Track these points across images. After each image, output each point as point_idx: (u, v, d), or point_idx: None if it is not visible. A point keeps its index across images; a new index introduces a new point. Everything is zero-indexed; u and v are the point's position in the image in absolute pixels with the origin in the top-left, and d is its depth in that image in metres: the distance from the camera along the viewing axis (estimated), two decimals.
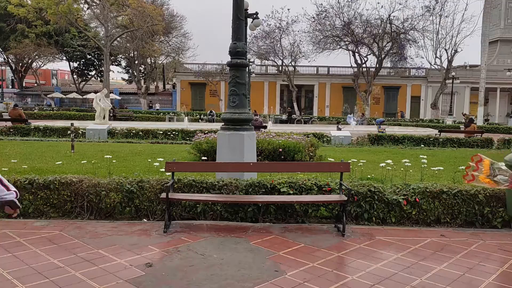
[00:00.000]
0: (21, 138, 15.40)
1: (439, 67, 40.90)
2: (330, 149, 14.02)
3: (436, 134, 18.16)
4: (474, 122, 22.85)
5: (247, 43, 19.21)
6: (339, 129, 19.97)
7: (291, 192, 5.49)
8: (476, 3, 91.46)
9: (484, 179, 2.30)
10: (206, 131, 12.28)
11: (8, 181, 5.50)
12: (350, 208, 5.44)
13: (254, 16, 16.14)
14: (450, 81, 38.06)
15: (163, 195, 5.11)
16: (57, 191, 5.51)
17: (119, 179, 5.70)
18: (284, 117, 36.05)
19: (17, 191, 2.61)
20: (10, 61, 48.59)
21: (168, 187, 5.12)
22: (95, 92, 36.06)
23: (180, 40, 47.89)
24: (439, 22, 38.51)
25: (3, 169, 7.14)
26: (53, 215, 5.51)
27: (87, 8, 40.76)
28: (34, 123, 19.17)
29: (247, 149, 6.53)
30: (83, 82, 53.38)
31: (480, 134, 18.25)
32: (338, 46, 40.08)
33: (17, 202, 2.60)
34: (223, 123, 7.00)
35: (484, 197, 5.50)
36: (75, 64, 51.78)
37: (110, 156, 7.28)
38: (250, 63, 31.15)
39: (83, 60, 51.43)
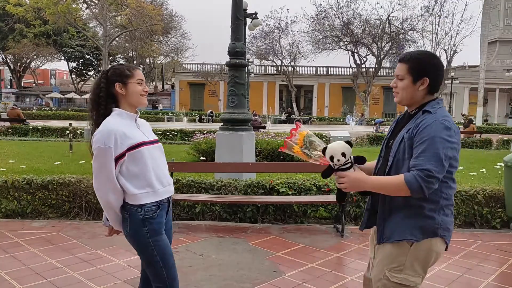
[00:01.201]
0: (20, 138, 15.38)
1: None
2: None
3: None
4: (474, 122, 22.87)
5: (246, 43, 19.20)
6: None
7: (290, 192, 5.48)
8: (475, 3, 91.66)
9: (298, 149, 2.18)
10: (205, 131, 12.27)
11: (6, 181, 5.51)
12: (349, 208, 5.44)
13: (253, 16, 16.12)
14: (449, 81, 38.09)
15: None
16: (55, 192, 5.50)
17: None
18: (283, 117, 36.06)
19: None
20: (8, 61, 48.54)
21: None
22: None
23: (179, 40, 47.90)
24: (438, 23, 38.53)
25: (1, 169, 7.13)
26: (51, 216, 5.50)
27: (86, 8, 40.71)
28: (33, 123, 19.16)
29: (246, 149, 6.53)
30: (82, 82, 53.32)
31: (479, 135, 18.26)
32: (337, 46, 40.07)
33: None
34: (222, 123, 6.99)
35: (483, 197, 5.50)
36: (74, 64, 51.73)
37: None
38: (249, 63, 31.15)
39: (82, 60, 51.36)
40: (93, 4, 39.00)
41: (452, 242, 4.95)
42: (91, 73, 53.81)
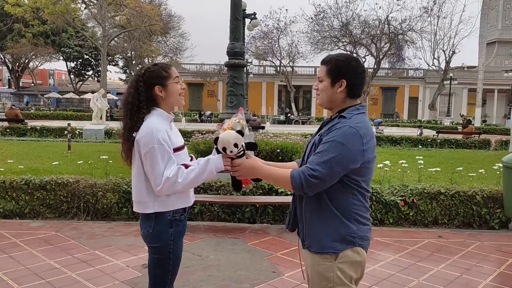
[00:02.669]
0: (18, 138, 15.33)
1: (437, 68, 40.96)
2: None
3: (434, 135, 18.18)
4: (472, 123, 22.89)
5: (245, 44, 19.20)
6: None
7: (289, 192, 5.48)
8: (473, 4, 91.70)
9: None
10: (204, 132, 12.25)
11: (4, 182, 5.50)
12: None
13: (252, 16, 16.11)
14: (448, 82, 38.12)
15: None
16: (53, 192, 5.49)
17: (116, 179, 5.68)
18: (282, 117, 36.08)
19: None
20: (7, 60, 48.42)
21: None
22: (92, 92, 36.00)
23: (178, 40, 47.73)
24: (437, 23, 38.53)
25: None
26: (49, 216, 5.49)
27: (85, 8, 40.64)
28: (31, 123, 19.10)
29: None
30: (80, 82, 53.23)
31: (478, 135, 18.28)
32: (336, 47, 40.02)
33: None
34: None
35: (482, 198, 5.51)
36: (72, 64, 51.58)
37: (107, 157, 7.25)
38: (248, 64, 31.13)
39: (80, 60, 51.19)
40: (91, 4, 38.96)
41: (450, 243, 4.99)
42: (90, 73, 53.75)
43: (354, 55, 36.63)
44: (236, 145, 2.02)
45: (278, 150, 10.08)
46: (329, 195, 1.92)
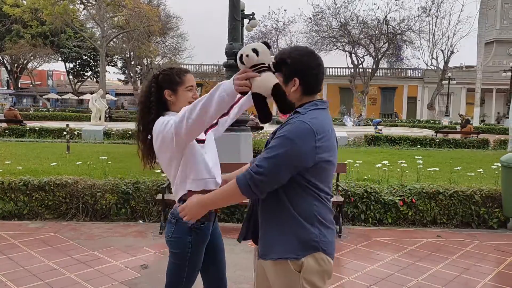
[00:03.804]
0: (16, 139, 15.31)
1: (435, 68, 41.01)
2: None
3: (432, 135, 18.19)
4: (471, 123, 22.92)
5: (244, 44, 19.22)
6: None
7: None
8: (472, 4, 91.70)
9: None
10: None
11: (3, 182, 5.49)
12: (346, 209, 5.44)
13: (251, 17, 16.13)
14: (447, 82, 38.16)
15: (159, 196, 5.09)
16: (52, 193, 5.48)
17: (114, 180, 5.68)
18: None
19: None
20: (5, 61, 48.38)
21: (164, 188, 5.10)
22: (91, 93, 35.99)
23: (177, 40, 47.73)
24: (435, 23, 38.62)
25: None
26: (48, 217, 5.48)
27: (83, 9, 40.59)
28: (30, 124, 19.09)
29: (243, 150, 6.52)
30: (79, 83, 53.18)
31: (476, 135, 18.30)
32: (335, 47, 40.07)
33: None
34: None
35: (480, 197, 5.52)
36: (71, 65, 51.53)
37: (106, 157, 7.23)
38: None
39: (79, 61, 51.16)
40: (90, 4, 38.93)
41: (449, 242, 4.99)
42: (89, 74, 53.71)
43: (315, 48, 36.13)
44: (255, 51, 1.73)
45: None
46: (290, 198, 1.78)
